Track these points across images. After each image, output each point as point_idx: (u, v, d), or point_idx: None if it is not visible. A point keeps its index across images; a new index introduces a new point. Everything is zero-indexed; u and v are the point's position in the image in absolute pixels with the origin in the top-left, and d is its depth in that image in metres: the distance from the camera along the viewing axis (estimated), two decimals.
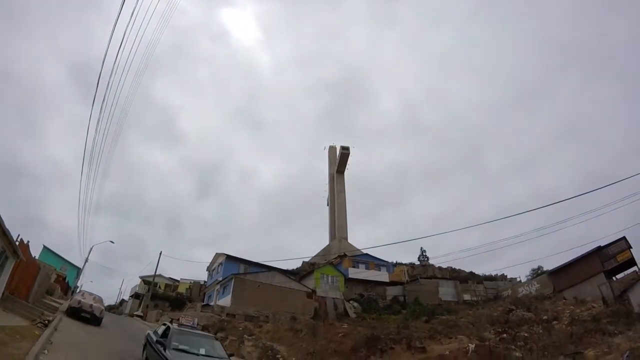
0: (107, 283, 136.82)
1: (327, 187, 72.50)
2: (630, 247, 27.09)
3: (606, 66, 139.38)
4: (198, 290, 47.75)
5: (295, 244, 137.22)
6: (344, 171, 70.95)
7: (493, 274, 49.09)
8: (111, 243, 48.21)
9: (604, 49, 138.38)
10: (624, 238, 27.71)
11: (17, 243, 15.36)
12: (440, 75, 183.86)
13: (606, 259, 27.75)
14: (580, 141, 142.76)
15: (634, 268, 26.77)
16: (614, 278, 26.93)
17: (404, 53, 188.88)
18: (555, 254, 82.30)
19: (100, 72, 11.53)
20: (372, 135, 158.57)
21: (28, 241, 17.78)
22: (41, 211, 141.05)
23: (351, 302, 39.23)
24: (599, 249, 28.58)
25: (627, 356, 9.25)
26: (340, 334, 21.06)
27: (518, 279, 44.95)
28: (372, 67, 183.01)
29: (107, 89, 13.36)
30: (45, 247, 46.52)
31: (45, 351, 9.03)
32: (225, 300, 32.36)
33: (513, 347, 14.44)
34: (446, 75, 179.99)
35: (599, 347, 11.56)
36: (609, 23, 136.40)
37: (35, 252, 29.36)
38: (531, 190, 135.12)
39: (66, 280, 46.42)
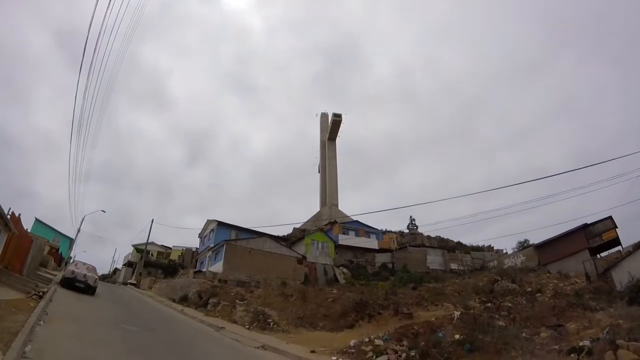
0: (100, 252, 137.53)
1: (318, 154, 72.25)
2: (615, 226, 27.68)
3: (605, 46, 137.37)
4: (190, 257, 48.19)
5: (286, 210, 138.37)
6: (335, 138, 70.53)
7: (480, 244, 50.11)
8: (102, 212, 48.08)
9: (604, 29, 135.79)
10: (610, 217, 28.27)
11: (8, 216, 15.20)
12: (436, 43, 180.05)
13: (591, 237, 28.39)
14: (574, 119, 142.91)
15: (618, 247, 27.43)
16: (598, 256, 27.64)
17: (400, 20, 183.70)
18: (542, 228, 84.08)
19: (87, 37, 10.98)
20: (365, 102, 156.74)
21: (19, 214, 17.59)
22: (31, 183, 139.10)
23: (341, 268, 39.99)
24: (585, 226, 29.18)
25: (607, 332, 9.54)
26: (330, 299, 21.43)
27: (504, 251, 45.94)
28: (367, 33, 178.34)
29: (94, 54, 12.81)
30: (37, 220, 46.33)
31: (41, 322, 9.08)
32: (217, 267, 32.73)
33: (497, 316, 14.78)
34: (442, 44, 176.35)
35: (580, 321, 11.91)
36: (610, 2, 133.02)
37: (27, 224, 29.21)
38: (522, 165, 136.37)
39: (59, 252, 46.43)
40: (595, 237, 28.30)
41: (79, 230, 45.36)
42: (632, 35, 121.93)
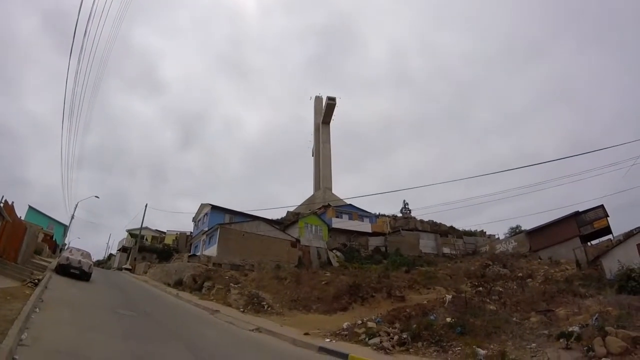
0: (94, 238, 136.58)
1: (312, 138, 71.92)
2: (607, 215, 28.05)
3: (604, 34, 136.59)
4: (184, 241, 48.29)
5: (279, 194, 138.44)
6: (329, 122, 70.13)
7: (472, 229, 50.76)
8: (96, 198, 47.85)
9: (604, 16, 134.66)
10: (601, 206, 28.66)
11: (1, 205, 15.03)
12: (432, 26, 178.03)
13: (583, 225, 28.77)
14: (569, 106, 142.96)
15: (609, 236, 27.84)
16: (589, 243, 28.05)
17: (396, 0, 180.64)
18: (534, 214, 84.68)
19: (77, 20, 10.64)
20: (360, 84, 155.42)
21: (12, 202, 17.42)
22: (23, 170, 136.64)
23: (334, 251, 40.28)
24: (577, 214, 29.52)
25: (596, 318, 9.71)
26: (323, 282, 21.58)
27: (496, 236, 46.54)
28: (362, 14, 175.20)
29: (84, 37, 12.45)
30: (30, 207, 46.32)
31: (37, 309, 9.04)
32: (212, 250, 32.81)
33: (488, 300, 14.98)
34: (439, 26, 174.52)
35: (570, 307, 12.07)
36: None
37: (21, 212, 28.93)
38: (516, 150, 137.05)
39: (54, 239, 46.39)
40: (586, 225, 28.68)
41: (72, 217, 45.60)
42: (631, 25, 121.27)
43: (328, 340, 11.64)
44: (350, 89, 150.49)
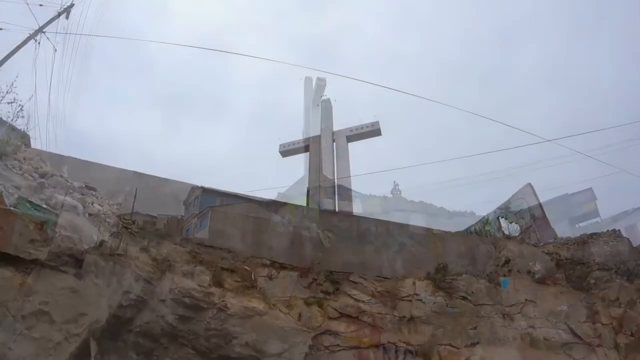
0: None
1: (302, 119, 70.98)
2: (595, 198, 28.26)
3: (601, 15, 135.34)
4: (176, 225, 47.82)
5: (270, 175, 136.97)
6: (319, 103, 69.18)
7: (462, 210, 50.99)
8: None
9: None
10: (590, 189, 28.78)
11: None
12: (425, 2, 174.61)
13: (571, 207, 28.96)
14: (562, 87, 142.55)
15: (597, 219, 28.18)
16: (576, 226, 28.32)
17: None
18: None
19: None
20: (351, 63, 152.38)
21: (1, 191, 17.03)
22: None
23: (325, 232, 40.35)
24: (566, 196, 29.69)
25: (584, 297, 9.92)
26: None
27: (486, 217, 46.80)
28: None
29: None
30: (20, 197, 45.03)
31: None
32: (203, 233, 32.59)
33: None
34: (432, 2, 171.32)
35: None
36: None
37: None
38: (508, 131, 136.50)
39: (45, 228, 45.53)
40: (574, 207, 28.91)
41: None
42: (628, 5, 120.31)
43: None
44: (342, 67, 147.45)
